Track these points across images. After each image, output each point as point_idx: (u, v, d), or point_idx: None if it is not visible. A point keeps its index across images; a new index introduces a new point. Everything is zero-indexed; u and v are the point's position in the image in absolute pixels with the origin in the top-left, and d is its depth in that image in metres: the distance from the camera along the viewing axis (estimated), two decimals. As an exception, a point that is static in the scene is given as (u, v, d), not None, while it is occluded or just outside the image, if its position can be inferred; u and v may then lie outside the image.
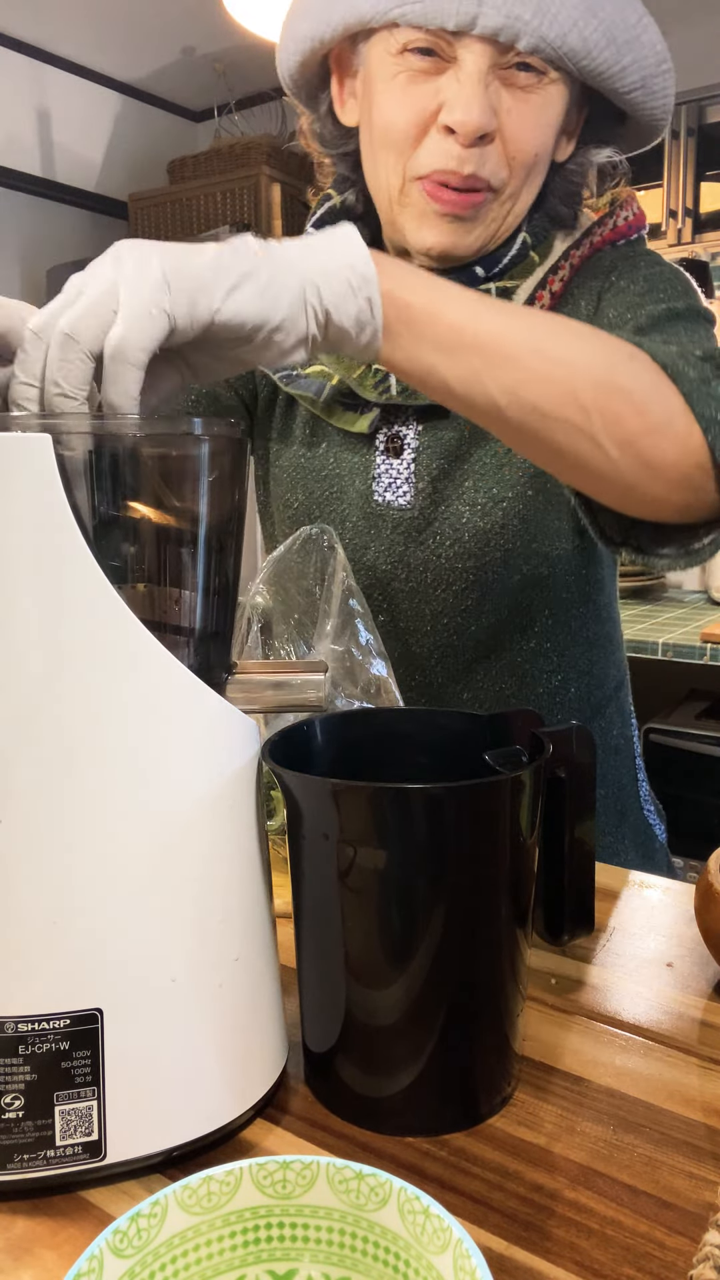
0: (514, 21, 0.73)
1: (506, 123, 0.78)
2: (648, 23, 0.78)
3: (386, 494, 0.93)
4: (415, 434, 0.92)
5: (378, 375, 0.89)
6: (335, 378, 0.91)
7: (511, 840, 0.52)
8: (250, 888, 0.53)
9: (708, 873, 0.66)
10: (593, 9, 0.75)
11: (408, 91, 0.78)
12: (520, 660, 0.96)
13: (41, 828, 0.47)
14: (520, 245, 0.87)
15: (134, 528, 0.49)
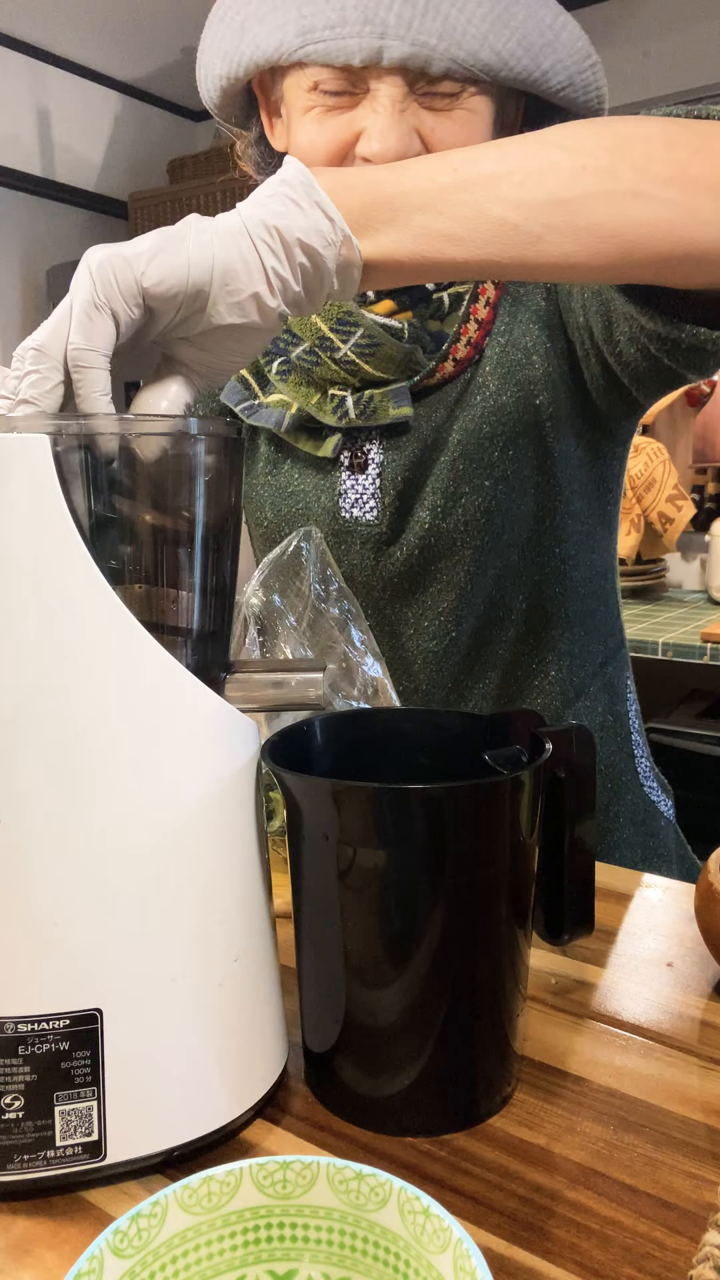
0: (420, 49, 0.72)
1: (433, 140, 0.77)
2: (564, 21, 0.76)
3: (354, 510, 0.93)
4: (379, 449, 0.91)
5: (334, 400, 0.89)
6: (294, 406, 0.91)
7: (511, 840, 0.52)
8: (250, 888, 0.53)
9: (708, 873, 0.66)
10: (503, 20, 0.73)
11: (323, 125, 0.78)
12: (501, 651, 0.96)
13: (41, 828, 0.47)
14: None
15: (131, 528, 0.49)
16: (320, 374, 0.89)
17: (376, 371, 0.86)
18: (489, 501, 0.90)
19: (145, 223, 3.58)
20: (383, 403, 0.87)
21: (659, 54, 2.88)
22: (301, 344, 0.88)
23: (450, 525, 0.90)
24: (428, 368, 0.87)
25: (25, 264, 3.52)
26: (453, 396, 0.90)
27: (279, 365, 0.91)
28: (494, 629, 0.96)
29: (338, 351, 0.86)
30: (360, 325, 0.84)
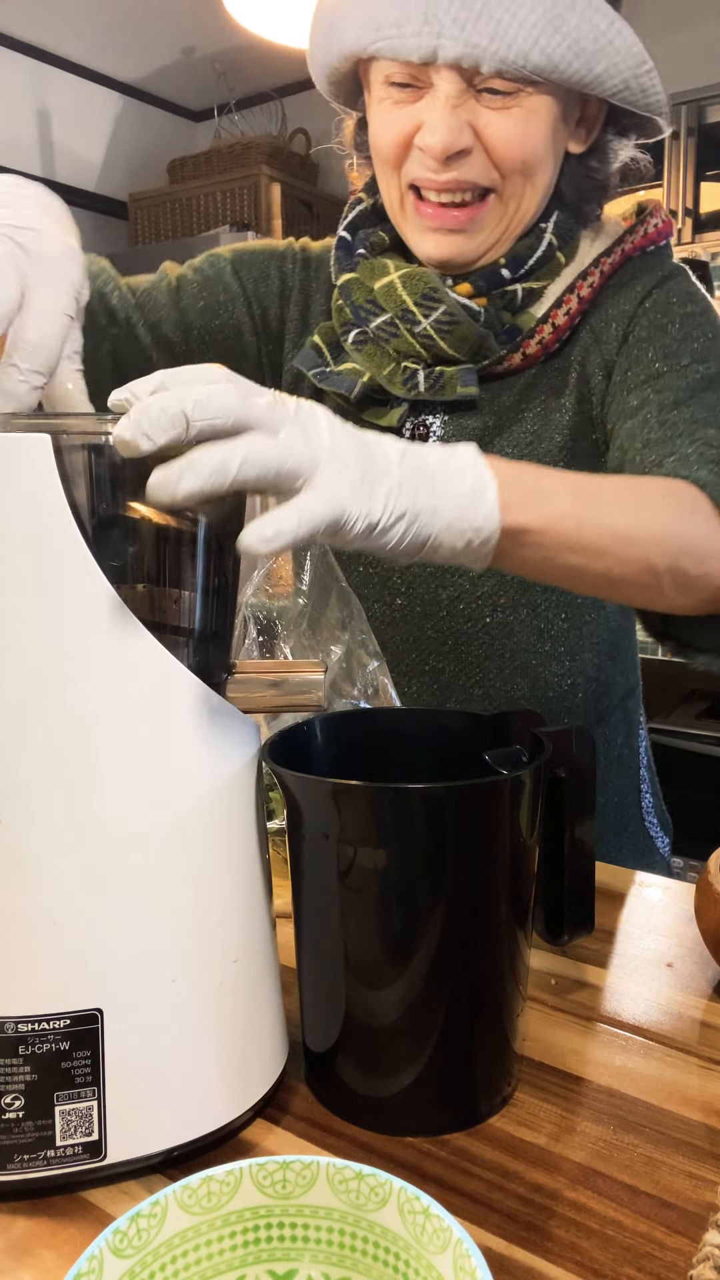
0: (472, 50, 0.77)
1: (486, 135, 0.82)
2: (620, 27, 0.79)
3: None
4: (441, 423, 0.94)
5: (405, 373, 0.92)
6: (366, 375, 0.93)
7: (511, 840, 0.52)
8: (250, 888, 0.53)
9: (708, 873, 0.66)
10: (556, 25, 0.77)
11: (392, 115, 0.85)
12: (535, 663, 0.97)
13: (42, 827, 0.47)
14: (546, 247, 0.89)
15: (133, 528, 0.49)
16: (396, 346, 0.91)
17: (450, 349, 0.89)
18: None
19: (145, 223, 3.58)
20: (451, 380, 0.90)
21: (659, 54, 2.87)
22: (382, 315, 0.91)
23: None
24: (498, 355, 0.90)
25: (25, 264, 3.52)
26: (517, 389, 0.93)
27: (355, 335, 0.94)
28: (529, 638, 0.96)
29: (418, 325, 0.89)
30: (443, 303, 0.87)
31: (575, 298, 0.90)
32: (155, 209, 3.56)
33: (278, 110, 3.62)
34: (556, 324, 0.90)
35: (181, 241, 3.17)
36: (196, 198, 3.45)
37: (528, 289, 0.90)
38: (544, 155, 0.84)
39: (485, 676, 0.97)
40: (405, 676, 0.99)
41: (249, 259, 1.02)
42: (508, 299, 0.90)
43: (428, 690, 0.98)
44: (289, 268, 1.02)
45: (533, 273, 0.90)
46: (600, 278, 0.91)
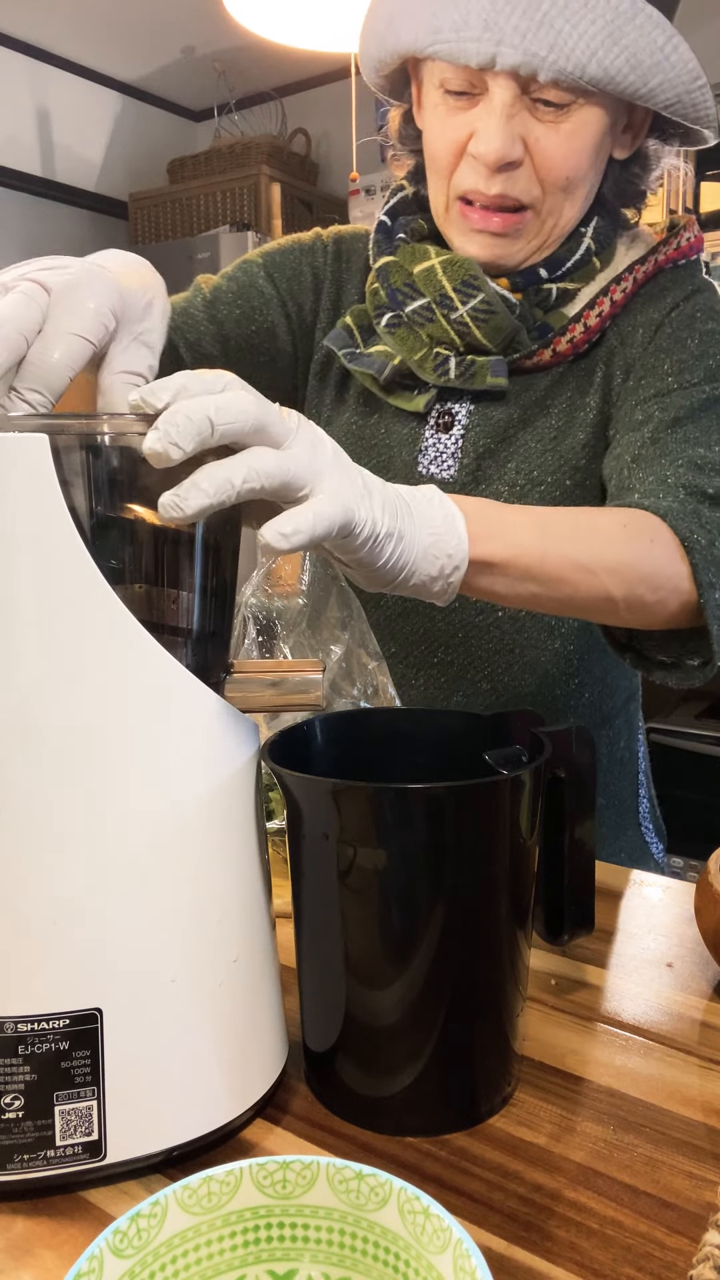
0: (531, 58, 0.78)
1: (535, 150, 0.83)
2: (677, 43, 0.80)
3: (431, 467, 0.96)
4: (467, 412, 0.95)
5: (437, 359, 0.92)
6: (397, 358, 0.94)
7: (511, 840, 0.52)
8: (249, 888, 0.53)
9: (708, 873, 0.66)
10: (614, 37, 0.78)
11: (446, 123, 0.86)
12: (544, 660, 0.97)
13: (41, 827, 0.47)
14: (584, 251, 0.91)
15: (131, 528, 0.49)
16: (429, 331, 0.92)
17: (484, 338, 0.90)
18: (566, 499, 0.92)
19: (145, 223, 3.58)
20: (482, 369, 0.91)
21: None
22: (419, 299, 0.92)
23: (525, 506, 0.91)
24: (529, 349, 0.92)
25: (25, 264, 3.52)
26: (543, 385, 0.94)
27: (389, 319, 0.94)
28: (539, 635, 0.97)
29: (454, 311, 0.90)
30: (482, 291, 0.89)
31: (608, 301, 0.92)
32: (155, 209, 3.56)
33: (278, 110, 3.62)
34: (588, 324, 0.92)
35: (181, 241, 3.17)
36: (196, 198, 3.45)
37: (562, 289, 0.92)
38: (587, 171, 0.86)
39: (494, 671, 0.97)
40: (414, 669, 0.99)
41: (280, 259, 1.03)
42: (542, 296, 0.92)
43: (435, 683, 0.99)
44: (319, 261, 1.03)
45: (569, 274, 0.92)
46: (633, 284, 0.92)
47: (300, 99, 3.64)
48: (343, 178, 3.55)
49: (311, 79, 3.59)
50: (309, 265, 1.03)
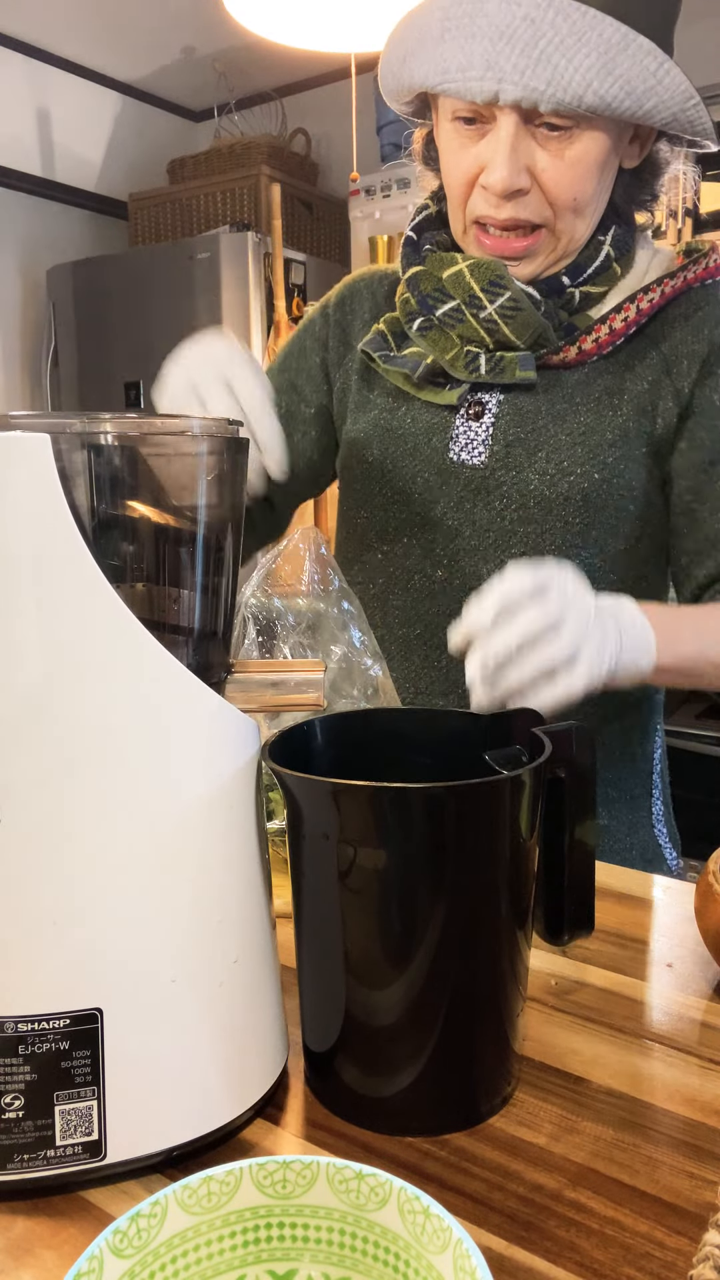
0: (530, 93, 0.84)
1: (543, 177, 0.89)
2: (669, 68, 0.85)
3: (462, 454, 1.00)
4: (497, 402, 1.00)
5: (469, 356, 0.97)
6: (429, 358, 1.00)
7: (511, 840, 0.52)
8: (250, 888, 0.53)
9: (708, 873, 0.66)
10: (608, 68, 0.83)
11: (458, 157, 0.93)
12: None
13: (41, 828, 0.47)
14: (604, 257, 0.97)
15: (132, 527, 0.49)
16: (460, 331, 0.98)
17: (512, 335, 0.95)
18: (594, 492, 0.96)
19: (145, 223, 3.58)
20: (511, 364, 0.96)
21: (659, 54, 2.87)
22: (449, 302, 0.97)
23: (554, 495, 0.96)
24: (555, 345, 0.97)
25: (25, 264, 3.52)
26: (571, 383, 0.98)
27: (420, 324, 1.00)
28: None
29: (483, 310, 0.95)
30: (509, 289, 0.94)
31: (634, 308, 0.97)
32: (155, 209, 3.56)
33: (278, 110, 3.62)
34: (613, 328, 0.97)
35: (181, 241, 3.17)
36: (196, 198, 3.44)
37: (585, 292, 0.97)
38: (595, 190, 0.92)
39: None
40: (437, 650, 1.01)
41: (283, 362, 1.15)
42: (565, 299, 0.97)
43: (458, 666, 1.00)
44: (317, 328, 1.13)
45: (590, 280, 0.97)
46: (661, 297, 0.97)
47: (300, 99, 3.64)
48: (343, 178, 3.55)
49: (311, 79, 3.59)
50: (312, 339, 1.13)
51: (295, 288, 3.20)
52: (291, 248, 3.27)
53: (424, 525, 1.01)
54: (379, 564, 1.05)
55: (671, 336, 0.98)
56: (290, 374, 1.14)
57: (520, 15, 0.83)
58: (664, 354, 0.98)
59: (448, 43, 0.87)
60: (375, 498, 1.05)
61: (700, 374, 0.97)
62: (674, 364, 0.97)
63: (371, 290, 1.12)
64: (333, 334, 1.12)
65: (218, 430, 0.52)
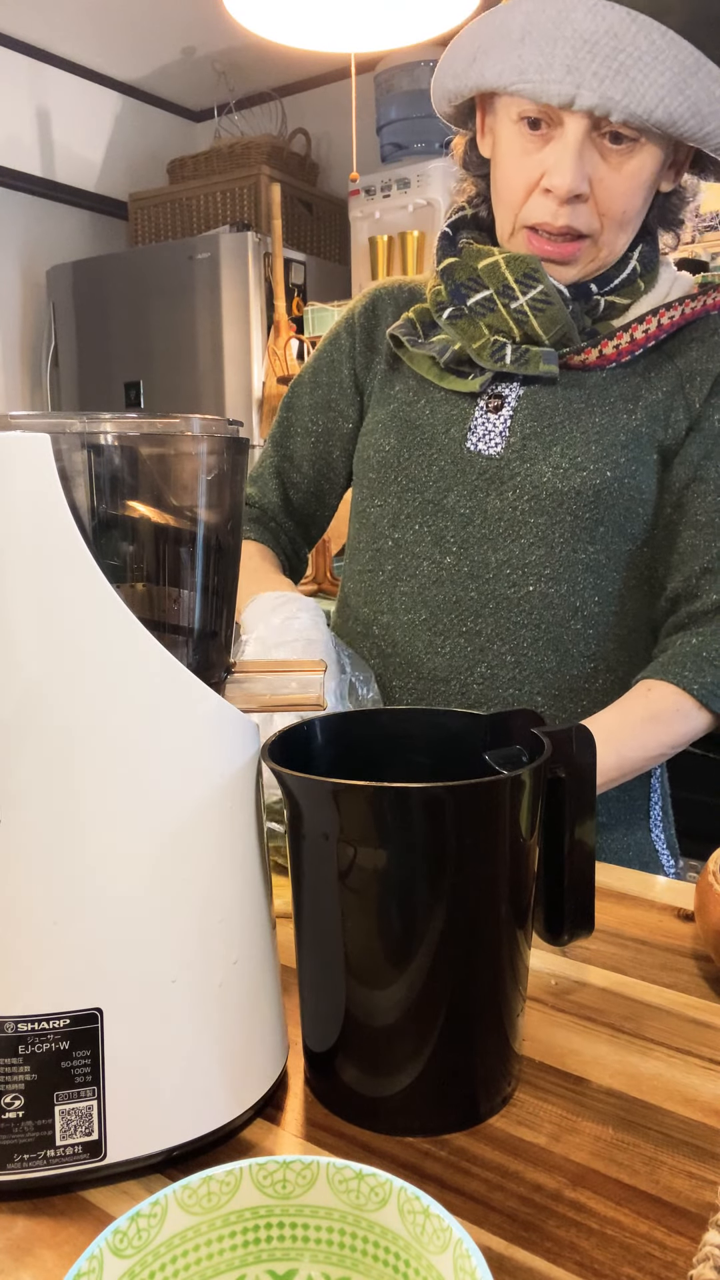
0: (606, 101, 0.87)
1: (599, 189, 0.93)
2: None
3: (479, 444, 1.03)
4: (516, 396, 1.03)
5: (495, 345, 1.00)
6: (457, 344, 1.03)
7: (511, 840, 0.52)
8: (249, 888, 0.53)
9: (708, 872, 0.66)
10: (680, 88, 0.87)
11: (521, 162, 0.95)
12: (566, 639, 1.02)
13: (41, 828, 0.47)
14: (630, 271, 1.02)
15: (132, 527, 0.49)
16: (489, 321, 1.01)
17: (540, 328, 0.99)
18: (605, 489, 0.98)
19: (145, 223, 3.58)
20: (535, 357, 0.99)
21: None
22: (482, 291, 1.01)
23: (566, 489, 0.99)
24: (578, 345, 1.01)
25: (25, 264, 3.52)
26: (589, 385, 1.02)
27: (450, 313, 1.04)
28: (563, 613, 1.01)
29: (514, 301, 0.99)
30: (541, 283, 0.97)
31: (655, 322, 1.01)
32: (155, 209, 3.56)
33: (278, 110, 3.62)
34: (634, 337, 1.01)
35: (182, 241, 3.17)
36: (196, 198, 3.45)
37: (610, 301, 1.02)
38: (636, 210, 0.96)
39: (519, 645, 1.02)
40: (441, 636, 1.03)
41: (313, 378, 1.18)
42: (591, 305, 1.01)
43: (461, 652, 1.03)
44: (343, 340, 1.16)
45: (616, 290, 1.02)
46: (681, 316, 1.01)
47: (300, 99, 3.64)
48: (343, 178, 3.55)
49: (311, 79, 3.59)
50: (341, 350, 1.16)
51: (295, 288, 3.20)
52: (291, 248, 3.27)
53: (436, 512, 1.04)
54: (389, 551, 1.07)
55: (688, 354, 1.02)
56: (323, 390, 1.17)
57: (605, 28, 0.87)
58: (680, 369, 1.02)
59: (528, 45, 0.90)
60: (390, 486, 1.07)
61: (711, 391, 1.00)
62: (689, 380, 1.01)
63: (394, 297, 1.15)
64: (359, 341, 1.15)
65: (218, 430, 0.52)
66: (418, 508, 1.05)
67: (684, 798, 1.22)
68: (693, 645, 0.98)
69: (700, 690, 0.95)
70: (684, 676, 0.96)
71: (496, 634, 1.02)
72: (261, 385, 3.10)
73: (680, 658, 0.97)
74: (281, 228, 3.07)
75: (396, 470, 1.06)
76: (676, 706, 0.96)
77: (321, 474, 1.19)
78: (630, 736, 0.96)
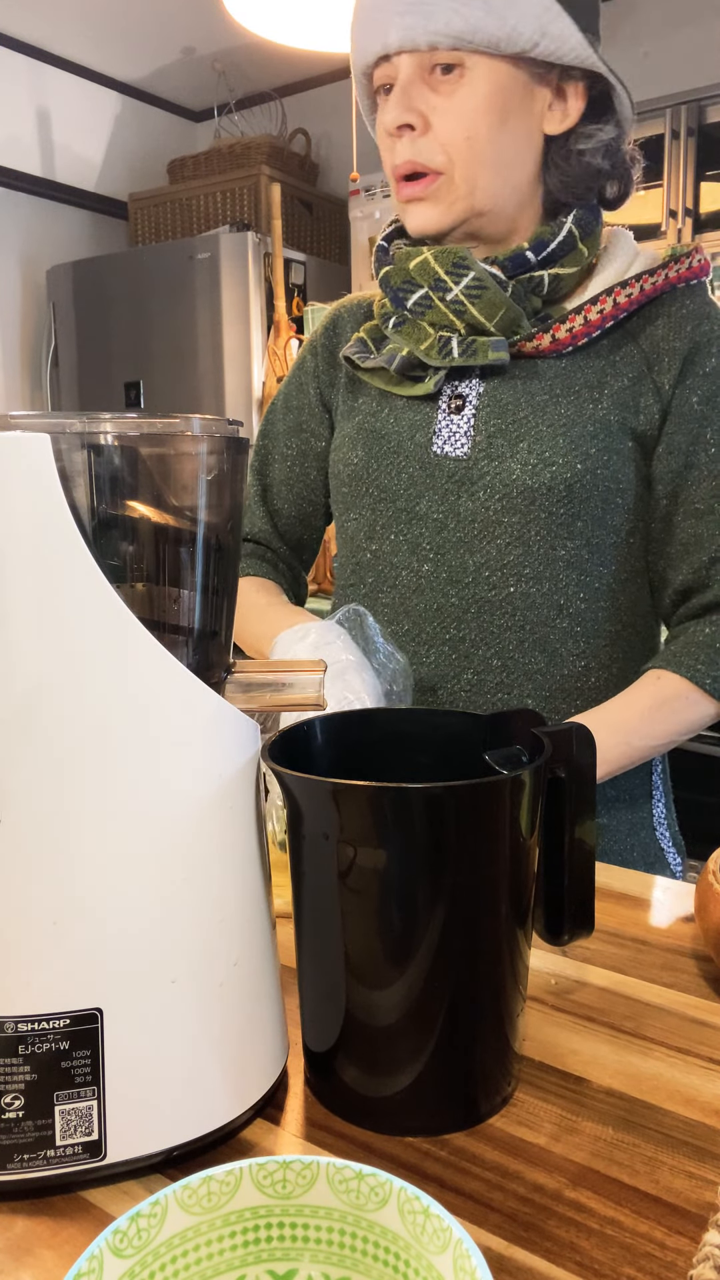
0: (409, 31, 0.91)
1: (435, 119, 0.94)
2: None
3: (445, 446, 1.02)
4: (477, 394, 1.01)
5: (441, 342, 0.99)
6: (405, 349, 1.02)
7: (511, 840, 0.52)
8: (249, 888, 0.53)
9: (708, 872, 0.66)
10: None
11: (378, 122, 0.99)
12: (553, 638, 1.01)
13: (41, 828, 0.47)
14: (566, 234, 0.98)
15: (132, 527, 0.49)
16: (431, 319, 1.01)
17: (481, 315, 0.98)
18: (577, 483, 0.97)
19: (145, 223, 3.58)
20: (483, 347, 0.98)
21: (659, 54, 2.87)
22: (417, 290, 1.00)
23: (536, 485, 0.97)
24: (528, 332, 0.99)
25: (25, 264, 3.53)
26: (550, 375, 1.00)
27: (395, 320, 1.04)
28: (548, 613, 1.00)
29: (449, 293, 0.98)
30: (472, 269, 0.97)
31: (611, 301, 0.98)
32: (155, 209, 3.56)
33: (278, 110, 3.62)
34: (588, 319, 0.98)
35: (182, 241, 3.17)
36: (196, 198, 3.45)
37: (554, 275, 0.99)
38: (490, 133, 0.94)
39: (504, 648, 1.00)
40: (425, 645, 1.02)
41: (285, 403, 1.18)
42: (535, 283, 0.99)
43: (446, 659, 1.02)
44: (308, 362, 1.17)
45: (556, 258, 0.99)
46: (640, 294, 0.99)
47: (300, 99, 3.64)
48: (343, 178, 3.55)
49: (311, 79, 3.59)
50: (306, 374, 1.16)
51: (295, 288, 3.20)
52: (291, 248, 3.27)
53: (410, 520, 1.03)
54: (368, 563, 1.06)
55: (653, 333, 0.99)
56: (295, 414, 1.17)
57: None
58: (644, 350, 0.99)
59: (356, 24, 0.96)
60: (363, 498, 1.06)
61: (681, 372, 0.98)
62: (655, 361, 0.99)
63: (352, 313, 1.15)
64: (322, 361, 1.15)
65: (218, 430, 0.52)
66: (391, 517, 1.04)
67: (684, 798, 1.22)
68: (706, 635, 0.97)
69: (713, 684, 0.95)
70: (696, 669, 0.95)
71: (481, 639, 1.00)
72: (261, 385, 3.10)
73: (693, 648, 0.97)
74: (281, 228, 3.07)
75: (367, 482, 1.05)
76: (685, 696, 0.96)
77: (303, 497, 1.19)
78: (639, 724, 0.96)
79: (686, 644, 0.98)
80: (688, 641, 0.98)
